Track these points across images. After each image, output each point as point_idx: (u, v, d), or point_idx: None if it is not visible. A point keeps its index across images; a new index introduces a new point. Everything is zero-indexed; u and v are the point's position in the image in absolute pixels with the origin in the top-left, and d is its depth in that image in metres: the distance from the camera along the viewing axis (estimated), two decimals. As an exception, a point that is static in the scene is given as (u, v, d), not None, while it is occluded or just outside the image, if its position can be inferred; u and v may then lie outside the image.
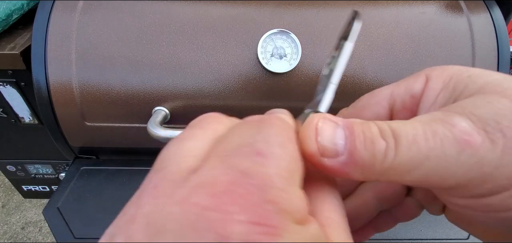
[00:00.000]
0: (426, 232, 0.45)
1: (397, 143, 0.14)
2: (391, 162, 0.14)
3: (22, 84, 0.54)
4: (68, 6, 0.48)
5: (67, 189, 0.50)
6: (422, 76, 0.17)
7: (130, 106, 0.48)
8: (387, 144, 0.14)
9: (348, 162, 0.14)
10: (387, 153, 0.14)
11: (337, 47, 0.19)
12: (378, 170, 0.14)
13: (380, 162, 0.14)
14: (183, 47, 0.47)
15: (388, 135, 0.14)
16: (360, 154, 0.14)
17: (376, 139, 0.14)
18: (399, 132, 0.14)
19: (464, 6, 0.50)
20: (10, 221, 1.36)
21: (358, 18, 0.18)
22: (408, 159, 0.14)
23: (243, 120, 0.15)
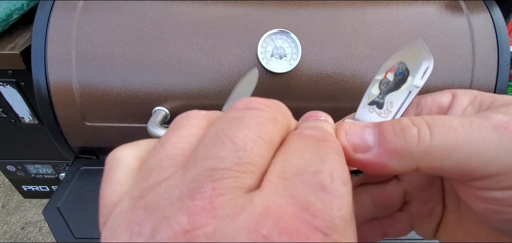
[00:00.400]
0: (426, 232, 0.45)
1: (432, 128, 0.14)
2: (428, 145, 0.14)
3: (22, 84, 0.54)
4: (68, 6, 0.48)
5: (67, 189, 0.50)
6: (447, 93, 0.19)
7: (130, 106, 0.48)
8: (419, 129, 0.15)
9: (381, 152, 0.15)
10: (421, 136, 0.14)
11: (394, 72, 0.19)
12: (416, 154, 0.15)
13: (416, 145, 0.14)
14: (183, 47, 0.47)
15: (421, 123, 0.15)
16: (391, 142, 0.15)
17: (407, 126, 0.15)
18: (433, 121, 0.15)
19: (464, 6, 0.50)
20: (10, 221, 1.36)
21: (428, 59, 0.18)
22: (446, 142, 0.14)
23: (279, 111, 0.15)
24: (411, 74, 0.18)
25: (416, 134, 0.15)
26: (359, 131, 0.16)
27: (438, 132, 0.14)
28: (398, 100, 0.19)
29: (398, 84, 0.19)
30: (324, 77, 0.47)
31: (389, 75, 0.19)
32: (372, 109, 0.19)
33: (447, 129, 0.14)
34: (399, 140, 0.15)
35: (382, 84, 0.19)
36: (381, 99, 0.19)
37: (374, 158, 0.15)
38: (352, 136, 0.16)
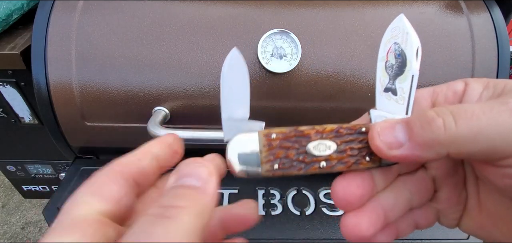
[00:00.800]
0: (426, 232, 0.45)
1: (456, 117, 0.16)
2: (454, 133, 0.16)
3: (22, 84, 0.54)
4: (68, 6, 0.48)
5: (67, 189, 0.50)
6: (460, 81, 0.20)
7: (130, 106, 0.48)
8: (444, 120, 0.16)
9: (413, 146, 0.17)
10: (447, 126, 0.16)
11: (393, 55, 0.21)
12: (444, 142, 0.16)
13: (443, 134, 0.16)
14: (183, 47, 0.47)
15: (445, 113, 0.16)
16: (420, 136, 0.17)
17: (432, 118, 0.16)
18: (456, 110, 0.16)
19: (464, 6, 0.50)
20: (10, 221, 1.36)
21: (416, 39, 0.21)
22: (470, 128, 0.16)
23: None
24: (408, 56, 0.20)
25: (442, 125, 0.16)
26: (390, 130, 0.18)
27: (462, 120, 0.16)
28: (406, 86, 0.20)
29: (401, 68, 0.20)
30: (324, 77, 0.47)
31: (390, 57, 0.21)
32: (389, 97, 0.21)
33: (470, 116, 0.16)
34: (427, 132, 0.16)
35: (388, 69, 0.21)
36: (393, 85, 0.21)
37: (408, 152, 0.17)
38: (384, 136, 0.18)
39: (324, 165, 0.20)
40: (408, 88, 0.20)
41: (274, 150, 0.20)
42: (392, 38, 0.21)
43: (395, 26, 0.21)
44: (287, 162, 0.20)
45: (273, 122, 0.49)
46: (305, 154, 0.20)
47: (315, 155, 0.20)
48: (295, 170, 0.20)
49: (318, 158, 0.20)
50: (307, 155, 0.20)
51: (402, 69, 0.20)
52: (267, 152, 0.20)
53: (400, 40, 0.21)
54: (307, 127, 0.20)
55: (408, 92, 0.20)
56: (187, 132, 0.44)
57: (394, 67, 0.21)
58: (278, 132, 0.20)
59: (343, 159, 0.20)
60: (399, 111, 0.20)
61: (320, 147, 0.20)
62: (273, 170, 0.20)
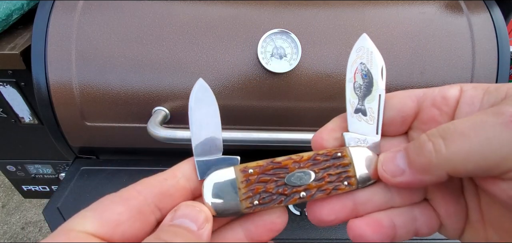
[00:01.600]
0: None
1: (446, 138, 0.16)
2: (445, 155, 0.16)
3: (22, 84, 0.54)
4: (68, 6, 0.48)
5: (67, 189, 0.50)
6: (455, 86, 0.20)
7: (130, 106, 0.48)
8: (433, 143, 0.16)
9: (413, 172, 0.18)
10: (437, 149, 0.16)
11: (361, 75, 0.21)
12: (438, 165, 0.16)
13: (435, 158, 0.16)
14: (183, 47, 0.47)
15: (435, 135, 0.17)
16: (416, 161, 0.17)
17: (423, 143, 0.17)
18: (446, 131, 0.16)
19: (464, 6, 0.50)
20: (10, 221, 1.36)
21: (379, 57, 0.22)
22: (460, 149, 0.16)
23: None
24: (374, 75, 0.21)
25: (432, 149, 0.16)
26: (391, 160, 0.19)
27: (451, 141, 0.16)
28: (375, 105, 0.21)
29: (368, 88, 0.21)
30: (324, 77, 0.47)
31: (358, 78, 0.21)
32: (359, 117, 0.21)
33: (459, 136, 0.16)
34: (421, 157, 0.17)
35: (356, 90, 0.21)
36: (362, 106, 0.21)
37: (410, 178, 0.18)
38: (386, 166, 0.19)
39: (304, 194, 0.20)
40: (376, 108, 0.21)
41: (252, 185, 0.19)
42: (357, 58, 0.21)
43: (360, 46, 0.22)
44: (267, 196, 0.19)
45: (273, 122, 0.49)
46: (284, 185, 0.20)
47: (295, 185, 0.20)
48: (276, 203, 0.20)
49: (298, 189, 0.20)
50: (286, 187, 0.20)
51: (369, 89, 0.21)
52: (245, 188, 0.19)
53: (366, 60, 0.21)
54: (284, 157, 0.20)
55: (376, 111, 0.21)
56: (187, 132, 0.44)
57: (362, 88, 0.21)
58: (254, 166, 0.20)
59: (322, 186, 0.20)
60: (370, 132, 0.21)
61: (298, 177, 0.20)
62: (253, 205, 0.19)
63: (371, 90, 0.21)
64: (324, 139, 0.21)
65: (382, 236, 0.20)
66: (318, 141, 0.21)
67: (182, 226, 0.17)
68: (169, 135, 0.43)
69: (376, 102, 0.21)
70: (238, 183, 0.19)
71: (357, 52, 0.21)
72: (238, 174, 0.20)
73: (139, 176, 0.19)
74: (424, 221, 0.21)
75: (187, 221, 0.17)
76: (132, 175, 0.52)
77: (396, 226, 0.20)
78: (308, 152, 0.21)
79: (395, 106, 0.21)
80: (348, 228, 0.20)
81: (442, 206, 0.21)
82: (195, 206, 0.18)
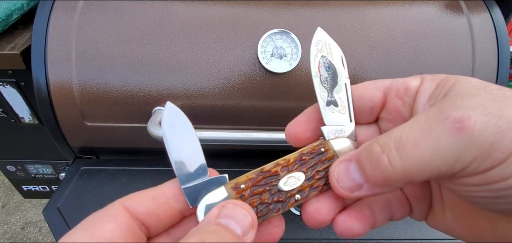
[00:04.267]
0: (426, 232, 0.45)
1: (399, 150, 0.16)
2: (402, 168, 0.16)
3: (22, 84, 0.54)
4: (68, 6, 0.48)
5: (67, 189, 0.50)
6: (417, 77, 0.20)
7: (130, 106, 0.48)
8: (388, 157, 0.16)
9: (370, 186, 0.17)
10: (393, 163, 0.16)
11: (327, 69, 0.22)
12: (396, 178, 0.16)
13: (392, 172, 0.16)
14: (183, 47, 0.47)
15: (389, 147, 0.16)
16: (373, 176, 0.17)
17: (378, 158, 0.17)
18: (399, 140, 0.16)
19: (464, 6, 0.50)
20: (10, 221, 1.36)
21: (337, 47, 0.23)
22: (415, 161, 0.16)
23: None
24: (336, 66, 0.22)
25: (388, 163, 0.16)
26: (345, 173, 0.18)
27: (405, 153, 0.16)
28: (343, 95, 0.22)
29: (334, 78, 0.22)
30: (324, 77, 0.47)
31: (322, 71, 0.22)
32: (332, 109, 0.22)
33: (412, 148, 0.16)
34: (377, 172, 0.17)
35: (323, 83, 0.22)
36: (332, 98, 0.22)
37: (369, 191, 0.17)
38: (343, 182, 0.18)
39: (299, 197, 0.20)
40: (345, 97, 0.21)
41: (247, 200, 0.19)
42: (318, 52, 0.22)
43: (317, 40, 0.22)
44: (263, 208, 0.19)
45: (273, 122, 0.49)
46: (278, 193, 0.20)
47: (288, 190, 0.20)
48: (274, 212, 0.20)
49: (292, 192, 0.20)
50: (280, 193, 0.20)
51: (335, 80, 0.22)
52: None
53: (326, 52, 0.22)
54: (271, 164, 0.20)
55: (346, 100, 0.21)
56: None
57: (328, 80, 0.22)
58: (245, 180, 0.20)
59: (313, 184, 0.20)
60: (344, 120, 0.21)
61: (290, 181, 0.20)
62: None
63: (337, 81, 0.22)
64: (300, 132, 0.22)
65: (367, 226, 0.20)
66: (293, 135, 0.22)
67: (228, 228, 0.16)
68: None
69: (344, 91, 0.22)
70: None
71: (316, 46, 0.22)
72: (230, 192, 0.19)
73: (139, 176, 0.18)
74: (397, 206, 0.22)
75: (233, 223, 0.16)
76: (132, 175, 0.52)
77: (375, 212, 0.21)
78: (291, 153, 0.21)
79: (364, 96, 0.21)
80: (335, 224, 0.20)
81: (410, 189, 0.22)
82: (243, 208, 0.17)
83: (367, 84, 0.22)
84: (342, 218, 0.20)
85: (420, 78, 0.20)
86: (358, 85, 0.22)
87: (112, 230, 0.16)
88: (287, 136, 0.22)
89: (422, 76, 0.20)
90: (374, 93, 0.21)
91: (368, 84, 0.22)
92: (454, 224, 0.21)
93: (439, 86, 0.18)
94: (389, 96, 0.21)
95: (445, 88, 0.18)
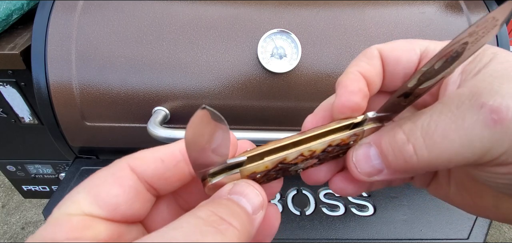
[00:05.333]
0: (426, 232, 0.45)
1: (426, 139, 0.15)
2: (427, 158, 0.15)
3: (22, 84, 0.54)
4: (68, 6, 0.48)
5: (67, 189, 0.50)
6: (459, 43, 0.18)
7: (130, 106, 0.48)
8: (414, 146, 0.15)
9: (391, 172, 0.16)
10: (419, 154, 0.15)
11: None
12: (420, 167, 0.15)
13: (416, 162, 0.15)
14: (183, 47, 0.47)
15: (416, 137, 0.15)
16: (395, 164, 0.16)
17: (403, 146, 0.16)
18: (427, 129, 0.15)
19: (464, 6, 0.50)
20: (10, 221, 1.36)
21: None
22: (442, 152, 0.15)
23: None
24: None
25: (413, 153, 0.15)
26: (365, 160, 0.17)
27: (433, 144, 0.15)
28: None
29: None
30: (324, 77, 0.47)
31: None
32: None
33: (441, 139, 0.15)
34: (400, 161, 0.16)
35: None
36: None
37: (388, 177, 0.17)
38: (362, 168, 0.17)
39: (304, 167, 0.19)
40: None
41: (259, 180, 0.18)
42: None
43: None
44: (268, 177, 0.19)
45: (273, 122, 0.49)
46: (288, 171, 0.19)
47: (298, 169, 0.19)
48: (275, 177, 0.19)
49: (300, 167, 0.19)
50: (290, 171, 0.19)
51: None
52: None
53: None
54: (294, 153, 0.18)
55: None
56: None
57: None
58: (262, 170, 0.18)
59: (324, 160, 0.19)
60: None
61: (305, 163, 0.19)
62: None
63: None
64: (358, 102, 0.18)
65: (362, 189, 0.20)
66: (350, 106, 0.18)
67: (239, 204, 0.15)
68: (169, 135, 0.43)
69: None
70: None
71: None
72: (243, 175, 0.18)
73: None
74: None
75: (244, 201, 0.16)
76: (132, 175, 0.51)
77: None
78: (317, 139, 0.18)
79: (400, 60, 0.19)
80: (331, 183, 0.20)
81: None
82: (255, 188, 0.16)
83: (402, 44, 0.19)
84: (338, 179, 0.20)
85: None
86: (392, 46, 0.19)
87: (117, 196, 0.15)
88: (340, 108, 0.19)
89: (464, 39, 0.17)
90: (411, 57, 0.19)
91: (403, 44, 0.19)
92: (457, 197, 0.20)
93: (474, 60, 0.17)
94: (423, 63, 0.18)
95: (481, 63, 0.16)
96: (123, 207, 0.15)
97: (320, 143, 0.18)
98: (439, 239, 0.45)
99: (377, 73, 0.19)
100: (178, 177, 0.17)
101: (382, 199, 0.50)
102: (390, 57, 0.19)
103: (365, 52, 0.20)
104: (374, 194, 0.50)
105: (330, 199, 0.49)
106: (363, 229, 0.46)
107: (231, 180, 0.17)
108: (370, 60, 0.19)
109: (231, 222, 0.14)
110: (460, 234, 0.45)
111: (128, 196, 0.15)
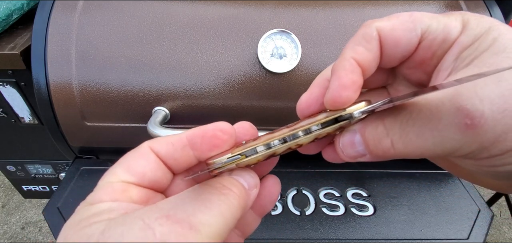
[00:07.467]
0: (426, 232, 0.45)
1: (403, 137, 0.16)
2: (402, 150, 0.17)
3: (22, 84, 0.54)
4: (68, 6, 0.48)
5: (67, 189, 0.50)
6: (459, 21, 0.17)
7: (130, 106, 0.48)
8: (392, 141, 0.17)
9: (373, 157, 0.18)
10: (396, 147, 0.17)
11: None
12: (396, 155, 0.17)
13: (393, 153, 0.17)
14: (183, 47, 0.47)
15: (394, 132, 0.17)
16: (375, 152, 0.18)
17: (382, 139, 0.17)
18: (405, 126, 0.16)
19: (464, 6, 0.50)
20: (10, 221, 1.36)
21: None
22: (416, 147, 0.16)
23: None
24: None
25: (390, 146, 0.17)
26: (350, 146, 0.19)
27: (408, 141, 0.16)
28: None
29: None
30: (324, 77, 0.47)
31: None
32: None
33: (415, 137, 0.16)
34: (379, 150, 0.17)
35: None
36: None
37: (370, 159, 0.19)
38: (346, 151, 0.19)
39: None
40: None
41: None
42: None
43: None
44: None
45: (273, 122, 0.49)
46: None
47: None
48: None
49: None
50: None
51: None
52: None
53: None
54: (283, 148, 0.19)
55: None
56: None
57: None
58: (255, 162, 0.20)
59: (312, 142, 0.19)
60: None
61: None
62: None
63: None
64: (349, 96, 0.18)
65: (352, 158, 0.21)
66: (307, 112, 0.22)
67: (238, 181, 0.19)
68: (169, 135, 0.43)
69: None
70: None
71: None
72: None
73: (139, 176, 0.19)
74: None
75: (242, 179, 0.19)
76: (132, 175, 0.52)
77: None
78: (304, 135, 0.19)
79: (400, 42, 0.18)
80: (323, 153, 0.22)
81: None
82: (249, 172, 0.20)
83: (403, 22, 0.18)
84: (329, 151, 0.21)
85: (461, 23, 0.17)
86: (392, 25, 0.18)
87: (144, 166, 0.19)
88: (300, 112, 0.22)
89: (464, 20, 0.17)
90: (411, 39, 0.18)
91: (404, 23, 0.18)
92: (437, 159, 0.22)
93: (473, 44, 0.16)
94: (422, 45, 0.18)
95: (477, 50, 0.16)
96: (149, 174, 0.19)
97: (307, 138, 0.19)
98: (439, 239, 0.45)
99: (374, 58, 0.19)
100: (185, 158, 0.20)
101: (382, 199, 0.50)
102: (389, 39, 0.18)
103: (364, 33, 0.19)
104: (374, 194, 0.50)
105: (330, 199, 0.49)
106: (363, 229, 0.46)
107: (229, 170, 0.20)
108: (368, 43, 0.19)
109: (231, 189, 0.18)
110: (460, 234, 0.45)
111: (152, 166, 0.19)
